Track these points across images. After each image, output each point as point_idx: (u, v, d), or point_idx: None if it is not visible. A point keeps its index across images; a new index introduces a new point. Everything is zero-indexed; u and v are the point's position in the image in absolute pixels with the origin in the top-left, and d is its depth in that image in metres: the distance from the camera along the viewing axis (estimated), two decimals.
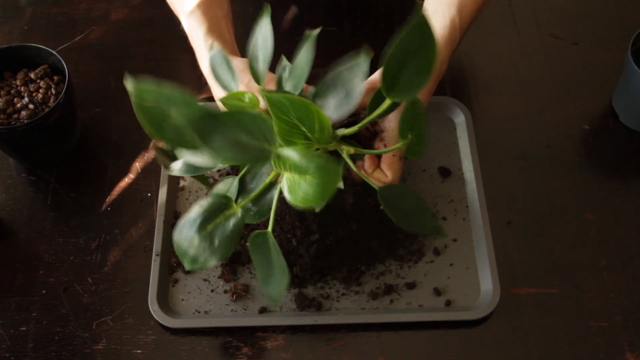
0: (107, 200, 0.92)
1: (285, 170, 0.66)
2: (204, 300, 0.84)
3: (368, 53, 0.69)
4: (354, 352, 0.81)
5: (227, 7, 0.88)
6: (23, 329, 0.83)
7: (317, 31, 0.71)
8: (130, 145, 0.97)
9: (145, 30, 1.09)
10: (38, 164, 0.95)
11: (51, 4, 1.13)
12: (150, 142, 0.72)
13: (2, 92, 0.91)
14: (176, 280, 0.85)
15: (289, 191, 0.66)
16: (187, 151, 0.70)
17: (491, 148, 0.95)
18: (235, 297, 0.83)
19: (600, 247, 0.88)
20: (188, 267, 0.69)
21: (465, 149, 0.93)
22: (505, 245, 0.87)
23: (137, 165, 0.95)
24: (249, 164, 0.75)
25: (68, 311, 0.84)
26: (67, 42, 1.08)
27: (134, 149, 0.96)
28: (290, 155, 0.64)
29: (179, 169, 0.72)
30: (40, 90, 0.91)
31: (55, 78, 0.92)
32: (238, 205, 0.71)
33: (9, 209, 0.92)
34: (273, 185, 0.74)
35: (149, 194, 0.93)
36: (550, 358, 0.80)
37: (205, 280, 0.85)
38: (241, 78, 0.77)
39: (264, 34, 0.75)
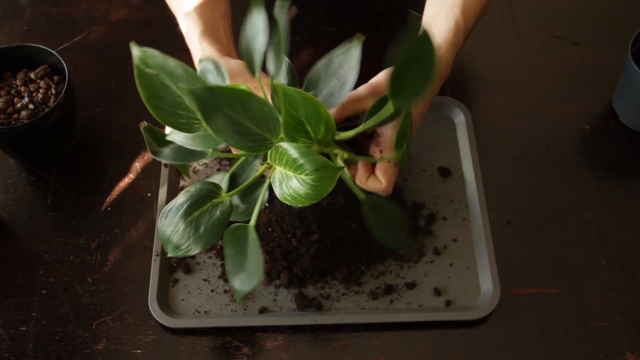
0: (107, 200, 0.92)
1: (280, 164, 0.65)
2: (204, 300, 0.84)
3: (359, 39, 0.68)
4: (354, 352, 0.81)
5: (225, 7, 0.88)
6: (23, 329, 0.83)
7: (287, 3, 0.70)
8: (130, 145, 0.97)
9: (145, 30, 1.09)
10: (38, 164, 0.95)
11: (51, 4, 1.13)
12: (142, 122, 0.70)
13: (2, 92, 0.91)
14: (176, 280, 0.85)
15: (280, 187, 0.65)
16: (178, 133, 0.69)
17: (491, 148, 0.95)
18: (235, 297, 0.83)
19: (600, 247, 0.88)
20: (170, 253, 0.68)
21: (465, 149, 0.93)
22: (505, 245, 0.87)
23: (137, 165, 0.95)
24: (253, 153, 0.73)
25: (68, 311, 0.84)
26: (67, 42, 1.08)
27: (134, 149, 0.96)
28: (290, 150, 0.63)
29: (167, 155, 0.70)
30: (40, 90, 0.91)
31: (55, 78, 0.92)
32: (226, 195, 0.70)
33: (9, 209, 0.92)
34: (262, 181, 0.73)
35: (149, 194, 0.93)
36: (550, 358, 0.80)
37: (205, 280, 0.85)
38: (244, 75, 0.77)
39: (256, 26, 0.74)
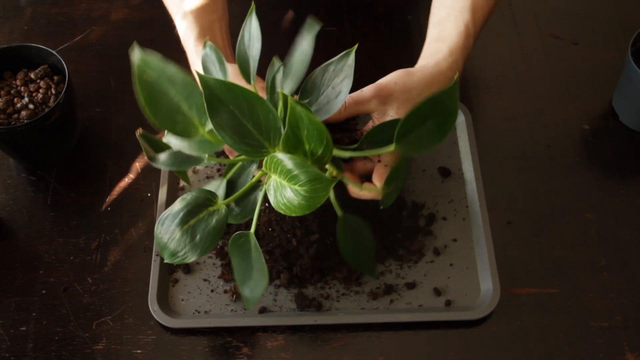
0: (107, 200, 0.92)
1: (275, 173, 0.65)
2: (204, 300, 0.84)
3: (353, 48, 0.69)
4: (354, 352, 0.81)
5: (222, 10, 0.87)
6: (23, 329, 0.83)
7: (319, 26, 0.70)
8: (130, 145, 0.97)
9: (145, 30, 1.09)
10: (38, 164, 0.95)
11: (51, 4, 1.13)
12: (138, 129, 0.70)
13: (2, 92, 0.91)
14: (176, 280, 0.85)
15: (274, 196, 0.66)
16: (175, 138, 0.69)
17: (491, 148, 0.95)
18: (235, 297, 0.83)
19: (600, 247, 0.88)
20: (167, 260, 0.69)
21: (465, 149, 0.93)
22: (505, 245, 0.87)
23: (137, 165, 0.95)
24: (247, 157, 0.73)
25: (68, 311, 0.84)
26: (67, 42, 1.08)
27: (134, 149, 0.96)
28: (285, 161, 0.63)
29: (164, 161, 0.71)
30: (40, 90, 0.91)
31: (55, 78, 0.92)
32: (222, 202, 0.71)
33: (9, 209, 0.92)
34: (258, 186, 0.74)
35: (149, 194, 0.93)
36: (550, 358, 0.80)
37: (205, 280, 0.85)
38: (240, 81, 0.77)
39: (251, 32, 0.74)
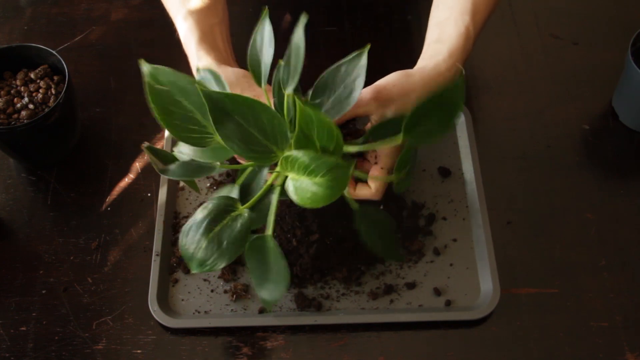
0: (107, 200, 0.92)
1: (293, 171, 0.66)
2: (204, 300, 0.84)
3: (366, 48, 0.69)
4: (354, 352, 0.81)
5: (223, 13, 0.87)
6: (23, 329, 0.83)
7: (305, 18, 0.70)
8: (130, 145, 0.97)
9: (145, 30, 1.09)
10: (38, 164, 0.95)
11: (51, 4, 1.13)
12: (152, 143, 0.71)
13: (2, 92, 0.91)
14: (176, 280, 0.85)
15: (296, 193, 0.66)
16: (187, 147, 0.70)
17: (491, 148, 0.95)
18: (235, 297, 0.83)
19: (600, 247, 0.88)
20: (196, 270, 0.68)
21: (465, 149, 0.93)
22: (505, 245, 0.87)
23: (137, 165, 0.95)
24: (257, 163, 0.74)
25: (68, 311, 0.84)
26: (67, 42, 1.08)
27: (134, 149, 0.96)
28: (301, 157, 0.64)
29: (174, 172, 0.71)
30: (40, 90, 0.91)
31: (55, 78, 0.92)
32: (244, 207, 0.71)
33: (9, 209, 0.92)
34: (272, 188, 0.74)
35: (149, 194, 0.93)
36: (550, 358, 0.80)
37: (205, 280, 0.85)
38: (242, 85, 0.77)
39: (263, 36, 0.74)
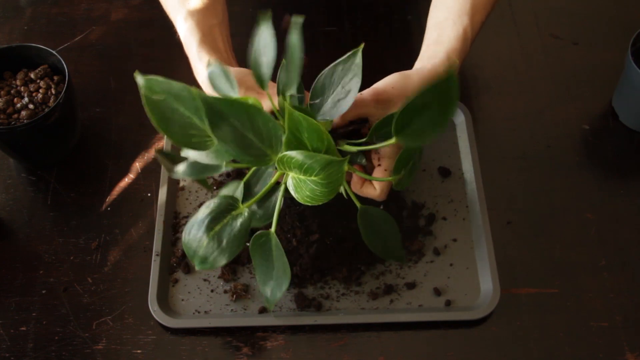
0: (107, 200, 0.92)
1: (290, 170, 0.67)
2: (204, 300, 0.84)
3: (359, 47, 0.69)
4: (354, 352, 0.81)
5: (222, 14, 0.87)
6: (23, 329, 0.83)
7: (300, 20, 0.70)
8: (130, 145, 0.97)
9: (145, 30, 1.09)
10: (38, 164, 0.95)
11: (51, 4, 1.13)
12: (152, 143, 0.71)
13: (2, 92, 0.91)
14: (176, 280, 0.85)
15: (296, 190, 0.68)
16: (192, 151, 0.71)
17: (491, 148, 0.95)
18: (235, 297, 0.83)
19: (600, 247, 0.88)
20: (198, 267, 0.70)
21: (465, 149, 0.93)
22: (505, 245, 0.87)
23: (137, 165, 0.95)
24: (252, 166, 0.75)
25: (68, 311, 0.84)
26: (67, 42, 1.08)
27: (134, 149, 0.96)
28: (296, 157, 0.65)
29: (183, 172, 0.73)
30: (40, 90, 0.91)
31: (55, 78, 0.92)
32: (244, 206, 0.72)
33: (9, 209, 0.92)
34: (277, 186, 0.74)
35: (149, 194, 0.93)
36: (550, 358, 0.80)
37: (205, 280, 0.85)
38: (247, 83, 0.77)
39: (264, 38, 0.74)
